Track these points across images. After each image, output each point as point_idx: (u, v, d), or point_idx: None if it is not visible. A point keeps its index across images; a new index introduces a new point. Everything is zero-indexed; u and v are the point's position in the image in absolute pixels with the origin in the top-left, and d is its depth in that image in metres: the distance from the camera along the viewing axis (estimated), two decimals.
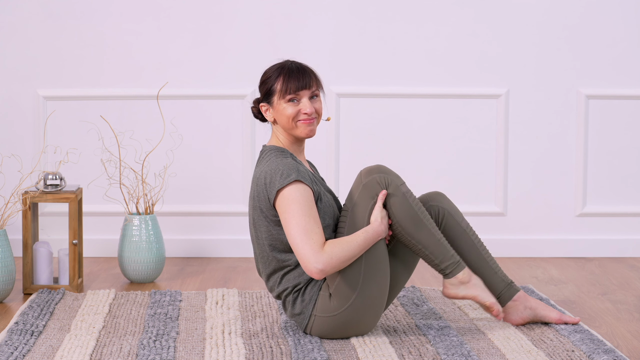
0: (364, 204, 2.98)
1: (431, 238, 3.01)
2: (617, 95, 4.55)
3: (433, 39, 4.50)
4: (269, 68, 3.07)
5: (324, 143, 4.51)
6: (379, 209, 2.97)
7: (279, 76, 3.02)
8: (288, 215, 2.90)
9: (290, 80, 3.01)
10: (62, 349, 2.93)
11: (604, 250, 4.57)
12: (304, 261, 2.88)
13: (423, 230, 3.01)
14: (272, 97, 3.03)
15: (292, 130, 3.04)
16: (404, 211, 2.99)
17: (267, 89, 3.03)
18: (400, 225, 3.00)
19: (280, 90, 3.01)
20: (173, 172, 4.42)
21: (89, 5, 4.45)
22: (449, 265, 3.04)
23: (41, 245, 3.81)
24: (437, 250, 3.03)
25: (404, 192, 3.00)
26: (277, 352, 2.91)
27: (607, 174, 4.58)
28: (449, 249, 3.04)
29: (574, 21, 4.51)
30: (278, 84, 3.02)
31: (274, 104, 3.03)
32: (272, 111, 3.04)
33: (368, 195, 2.98)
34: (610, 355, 2.85)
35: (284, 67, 3.03)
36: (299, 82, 3.01)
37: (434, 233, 3.02)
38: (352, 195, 3.01)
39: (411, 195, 3.01)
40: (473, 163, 4.56)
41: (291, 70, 3.02)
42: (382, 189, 2.98)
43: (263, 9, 4.48)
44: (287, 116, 3.01)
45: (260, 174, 2.98)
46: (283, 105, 3.01)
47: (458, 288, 3.07)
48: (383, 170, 3.01)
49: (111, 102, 4.49)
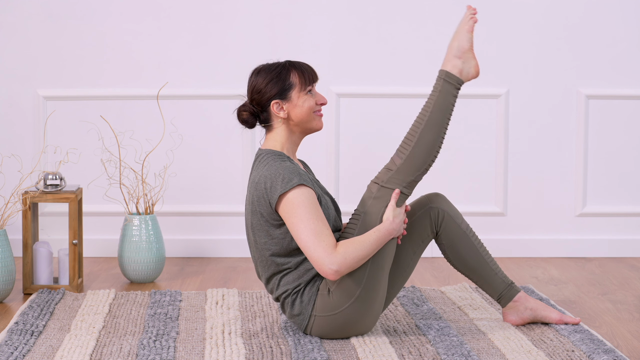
0: (377, 209, 3.04)
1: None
2: (617, 95, 4.55)
3: (433, 39, 4.50)
4: (265, 69, 3.02)
5: (324, 143, 4.51)
6: (391, 208, 2.97)
7: (289, 71, 3.01)
8: (296, 219, 2.89)
9: (306, 72, 3.03)
10: (62, 349, 2.93)
11: (604, 250, 4.57)
12: (318, 264, 2.87)
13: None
14: (290, 92, 3.01)
15: (310, 123, 3.04)
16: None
17: (283, 84, 3.01)
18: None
19: (301, 83, 3.01)
20: (173, 172, 4.42)
21: (89, 5, 4.46)
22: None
23: (41, 245, 3.81)
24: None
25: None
26: (277, 352, 2.91)
27: (606, 174, 4.58)
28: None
29: (574, 21, 4.51)
30: (294, 77, 3.01)
31: (292, 98, 3.01)
32: (288, 106, 3.02)
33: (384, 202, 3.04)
34: (610, 355, 2.85)
35: (287, 64, 3.03)
36: (314, 73, 3.04)
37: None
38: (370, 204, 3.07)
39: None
40: (473, 163, 4.56)
41: (298, 64, 3.03)
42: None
43: (263, 9, 4.48)
44: (309, 107, 3.01)
45: (260, 178, 2.96)
46: (304, 98, 3.01)
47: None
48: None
49: (111, 102, 4.49)
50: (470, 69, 3.08)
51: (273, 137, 3.06)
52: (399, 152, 3.03)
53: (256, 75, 3.04)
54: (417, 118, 3.03)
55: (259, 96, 3.02)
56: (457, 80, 3.05)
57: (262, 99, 3.02)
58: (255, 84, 3.03)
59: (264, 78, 3.02)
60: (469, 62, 3.07)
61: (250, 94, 3.04)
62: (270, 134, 3.06)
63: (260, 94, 3.01)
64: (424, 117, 3.02)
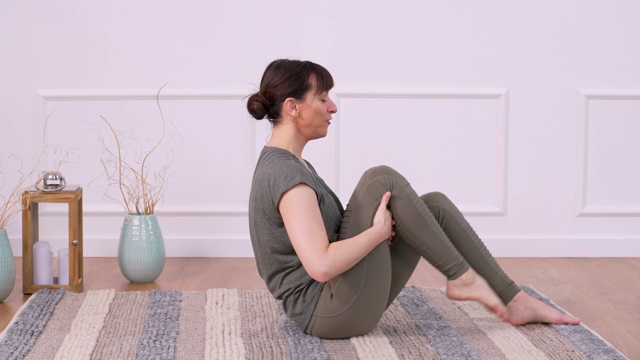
0: (367, 206, 2.98)
1: (435, 239, 3.02)
2: (617, 95, 4.55)
3: (433, 39, 4.50)
4: (285, 65, 3.02)
5: (324, 143, 4.51)
6: (382, 211, 2.97)
7: (309, 72, 3.01)
8: (292, 218, 2.89)
9: (325, 78, 3.03)
10: (62, 349, 2.93)
11: (604, 250, 4.57)
12: (307, 264, 2.87)
13: (427, 232, 3.01)
14: (306, 93, 3.00)
15: (318, 128, 3.04)
16: (409, 213, 2.99)
17: (300, 84, 3.00)
18: (405, 227, 3.00)
19: (318, 87, 3.01)
20: (173, 172, 4.42)
21: (89, 5, 4.45)
22: (452, 267, 3.04)
23: (41, 245, 3.81)
24: (441, 251, 3.03)
25: (409, 194, 3.00)
26: (277, 352, 2.91)
27: (607, 174, 4.58)
28: (453, 251, 3.04)
29: (574, 21, 4.51)
30: (313, 79, 3.01)
31: (307, 99, 3.01)
32: (301, 107, 3.02)
33: (372, 196, 2.98)
34: (610, 355, 2.85)
35: (309, 65, 3.02)
36: (332, 79, 3.05)
37: (438, 234, 3.02)
38: (355, 196, 3.01)
39: (415, 196, 3.01)
40: (473, 163, 4.56)
41: (319, 68, 3.03)
42: (387, 191, 2.98)
43: (263, 9, 4.48)
44: (321, 113, 3.02)
45: (264, 176, 2.97)
46: (317, 102, 3.01)
47: (462, 289, 3.07)
48: (388, 171, 3.01)
49: (111, 102, 4.49)
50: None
51: (280, 134, 3.06)
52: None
53: (275, 69, 3.03)
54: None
55: (274, 90, 3.02)
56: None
57: (277, 93, 3.02)
58: (272, 78, 3.02)
59: (283, 74, 3.01)
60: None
61: (265, 86, 3.03)
62: (277, 130, 3.06)
63: (276, 89, 3.01)
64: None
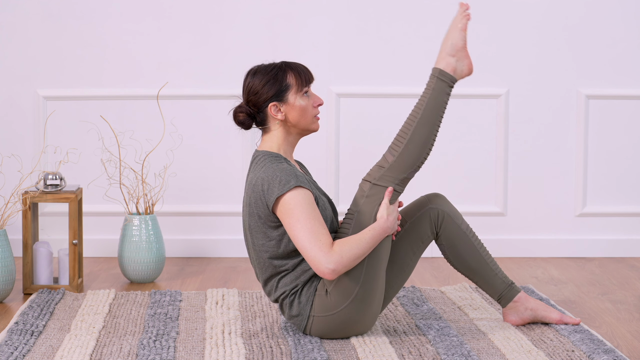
0: (370, 210, 3.03)
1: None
2: (617, 95, 4.55)
3: (433, 39, 4.50)
4: (261, 71, 3.00)
5: (324, 143, 4.51)
6: (385, 206, 2.97)
7: (285, 72, 3.00)
8: (292, 220, 2.88)
9: (303, 73, 3.01)
10: (62, 349, 2.93)
11: (604, 250, 4.57)
12: (314, 263, 2.87)
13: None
14: (287, 94, 2.99)
15: (307, 125, 3.02)
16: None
17: (280, 86, 2.99)
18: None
19: (297, 84, 3.00)
20: (173, 172, 4.42)
21: (89, 5, 4.46)
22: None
23: (41, 245, 3.82)
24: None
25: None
26: (277, 352, 2.91)
27: (606, 174, 4.58)
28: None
29: (574, 21, 4.51)
30: (291, 78, 3.00)
31: (289, 100, 3.00)
32: (285, 109, 3.01)
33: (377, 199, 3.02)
34: (610, 355, 2.85)
35: (283, 65, 3.01)
36: (309, 73, 3.03)
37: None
38: (356, 201, 3.04)
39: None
40: (473, 163, 4.56)
41: (294, 65, 3.02)
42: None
43: (263, 9, 4.48)
44: (307, 111, 3.00)
45: (257, 180, 2.96)
46: (300, 100, 3.00)
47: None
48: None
49: (111, 102, 4.49)
50: (464, 67, 3.08)
51: (270, 138, 3.05)
52: (391, 150, 3.04)
53: (252, 76, 3.02)
54: (410, 115, 3.04)
55: (256, 97, 3.00)
56: (450, 78, 3.05)
57: (259, 100, 3.00)
58: (251, 86, 3.01)
59: (261, 79, 3.00)
60: (462, 60, 3.07)
61: (247, 95, 3.02)
62: (267, 135, 3.05)
63: (257, 96, 3.00)
64: (417, 114, 3.02)
